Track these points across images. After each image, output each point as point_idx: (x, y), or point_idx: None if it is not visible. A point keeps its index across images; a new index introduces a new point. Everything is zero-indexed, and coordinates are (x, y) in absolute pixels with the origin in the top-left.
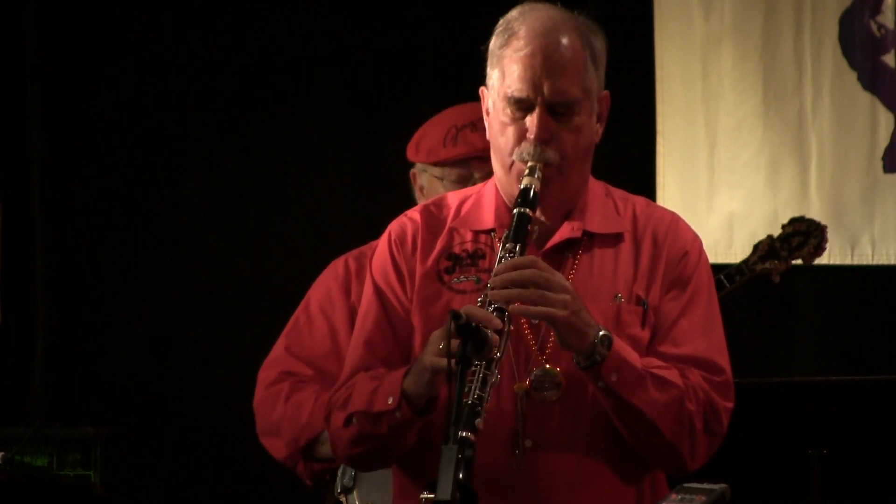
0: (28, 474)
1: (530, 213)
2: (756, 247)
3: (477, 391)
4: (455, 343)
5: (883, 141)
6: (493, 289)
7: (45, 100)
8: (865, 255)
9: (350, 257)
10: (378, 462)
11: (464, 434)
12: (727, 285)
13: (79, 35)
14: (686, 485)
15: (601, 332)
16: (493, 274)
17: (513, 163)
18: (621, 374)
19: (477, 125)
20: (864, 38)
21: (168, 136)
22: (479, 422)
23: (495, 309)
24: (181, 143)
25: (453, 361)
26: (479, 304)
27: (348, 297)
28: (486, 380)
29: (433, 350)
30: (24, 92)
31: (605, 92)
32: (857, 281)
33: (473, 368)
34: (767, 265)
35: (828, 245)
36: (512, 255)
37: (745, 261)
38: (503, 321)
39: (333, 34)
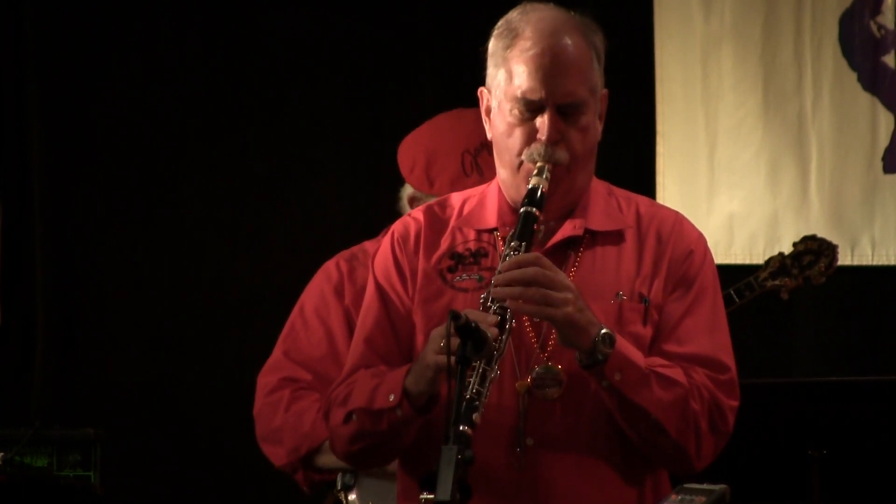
0: (28, 475)
1: (537, 213)
2: (767, 263)
3: (476, 386)
4: (454, 342)
5: (883, 141)
6: (496, 286)
7: (45, 100)
8: (865, 256)
9: (342, 259)
10: (376, 460)
11: (461, 428)
12: (737, 300)
13: (79, 35)
14: (686, 485)
15: (603, 331)
16: (496, 271)
17: (521, 163)
18: (625, 373)
19: (490, 146)
20: (865, 39)
21: (168, 136)
22: (476, 416)
23: (497, 307)
24: (181, 143)
25: (453, 359)
26: (481, 301)
27: (342, 299)
28: (485, 375)
29: (434, 348)
30: (24, 92)
31: (605, 90)
32: (857, 281)
33: (473, 364)
34: (778, 282)
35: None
36: (516, 252)
37: (756, 277)
38: (505, 319)
39: (333, 34)
